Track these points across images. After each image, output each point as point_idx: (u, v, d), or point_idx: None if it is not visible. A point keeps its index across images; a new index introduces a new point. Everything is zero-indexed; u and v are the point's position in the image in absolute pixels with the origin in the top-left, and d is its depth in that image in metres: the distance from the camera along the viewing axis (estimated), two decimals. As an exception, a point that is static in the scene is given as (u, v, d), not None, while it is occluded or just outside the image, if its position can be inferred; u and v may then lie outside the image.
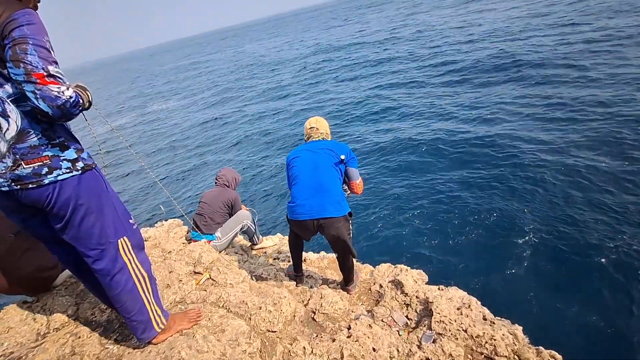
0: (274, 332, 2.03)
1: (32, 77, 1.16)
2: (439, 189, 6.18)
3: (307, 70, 20.09)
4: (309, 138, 2.69)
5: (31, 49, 1.16)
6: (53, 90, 1.19)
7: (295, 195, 2.45)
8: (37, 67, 1.17)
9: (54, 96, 1.19)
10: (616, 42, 10.56)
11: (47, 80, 1.18)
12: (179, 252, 2.76)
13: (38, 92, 1.18)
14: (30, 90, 1.18)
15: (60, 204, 1.34)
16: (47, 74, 1.18)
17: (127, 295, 1.56)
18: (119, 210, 1.52)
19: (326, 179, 2.42)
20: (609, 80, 8.28)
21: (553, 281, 4.00)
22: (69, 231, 1.41)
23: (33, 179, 1.28)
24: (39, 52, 1.18)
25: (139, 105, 25.50)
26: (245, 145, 11.75)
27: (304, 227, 2.42)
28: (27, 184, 1.28)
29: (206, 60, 47.40)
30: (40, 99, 1.19)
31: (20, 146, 1.26)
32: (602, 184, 5.12)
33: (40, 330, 2.13)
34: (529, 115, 7.81)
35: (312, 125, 2.70)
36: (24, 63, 1.15)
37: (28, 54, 1.16)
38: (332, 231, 2.37)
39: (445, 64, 13.57)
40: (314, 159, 2.48)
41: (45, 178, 1.29)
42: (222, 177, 3.60)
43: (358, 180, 2.54)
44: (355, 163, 2.58)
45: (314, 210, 2.34)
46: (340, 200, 2.40)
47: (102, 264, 1.49)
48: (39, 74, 1.17)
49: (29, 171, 1.27)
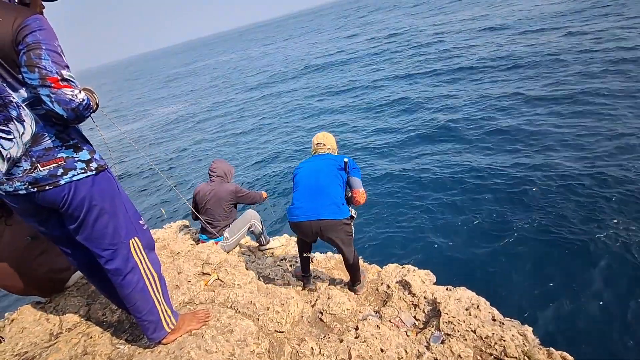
0: (281, 332, 2.04)
1: (47, 81, 1.19)
2: (446, 188, 6.13)
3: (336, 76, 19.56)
4: (315, 152, 2.77)
5: (45, 54, 1.19)
6: (67, 93, 1.22)
7: (294, 198, 2.50)
8: (51, 71, 1.20)
9: (68, 99, 1.22)
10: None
11: (61, 84, 1.21)
12: (187, 253, 2.79)
13: (53, 96, 1.21)
14: (45, 94, 1.21)
15: (75, 205, 1.37)
16: (61, 78, 1.21)
17: (138, 295, 1.58)
18: (129, 211, 1.55)
19: (325, 182, 2.44)
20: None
21: (564, 281, 3.94)
22: (83, 231, 1.44)
23: (49, 180, 1.31)
24: (52, 57, 1.21)
25: (142, 110, 25.81)
26: (255, 145, 11.81)
27: (302, 229, 2.45)
28: (44, 186, 1.31)
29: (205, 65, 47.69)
30: (55, 102, 1.21)
31: (36, 149, 1.29)
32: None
33: (53, 330, 2.18)
34: (550, 114, 7.58)
35: (319, 141, 2.77)
36: (38, 68, 1.18)
37: (42, 59, 1.18)
38: (330, 234, 2.39)
39: (444, 61, 13.48)
40: (316, 166, 2.56)
41: (61, 179, 1.33)
42: (216, 170, 3.45)
43: (361, 189, 2.54)
44: (358, 173, 2.61)
45: (309, 212, 2.36)
46: (339, 203, 2.41)
47: (114, 264, 1.51)
48: (54, 78, 1.20)
49: (45, 173, 1.30)
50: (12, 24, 1.18)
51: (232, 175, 3.59)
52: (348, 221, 2.42)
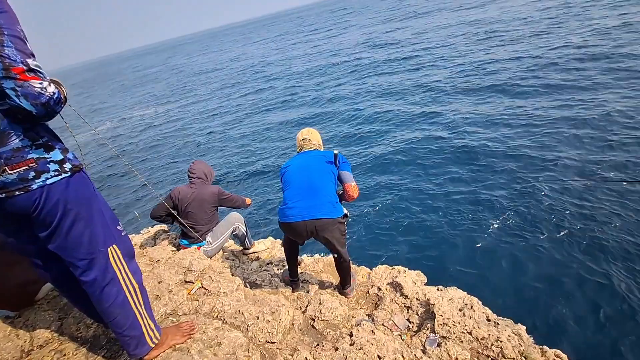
0: (273, 343, 1.93)
1: (12, 72, 1.03)
2: (432, 189, 6.20)
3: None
4: (301, 149, 2.68)
5: (7, 40, 1.03)
6: (35, 86, 1.07)
7: (286, 198, 2.38)
8: (15, 60, 1.04)
9: (37, 93, 1.07)
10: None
11: (27, 75, 1.05)
12: (167, 260, 2.62)
13: (19, 89, 1.05)
14: (10, 87, 1.05)
15: (47, 210, 1.21)
16: (28, 68, 1.06)
17: (118, 308, 1.43)
18: (107, 215, 1.40)
19: (318, 180, 2.36)
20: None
21: (550, 277, 4.03)
22: (56, 239, 1.28)
23: (20, 184, 1.15)
24: (16, 44, 1.05)
25: (117, 110, 24.86)
26: (233, 144, 11.56)
27: (295, 230, 2.33)
28: (13, 191, 1.15)
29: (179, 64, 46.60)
30: (22, 96, 1.06)
31: (2, 150, 1.12)
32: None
33: (24, 347, 1.99)
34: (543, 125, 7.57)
35: (304, 137, 2.69)
36: (1, 57, 1.02)
37: (4, 46, 1.02)
38: (326, 234, 2.29)
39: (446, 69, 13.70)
40: (306, 164, 2.47)
41: (33, 183, 1.17)
42: (195, 171, 3.26)
43: (353, 182, 2.46)
44: (348, 167, 2.54)
45: (304, 211, 2.26)
46: (333, 201, 2.33)
47: (91, 275, 1.36)
48: (19, 68, 1.04)
49: (14, 177, 1.14)
50: None
51: (213, 177, 3.42)
52: (342, 220, 2.34)
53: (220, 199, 3.24)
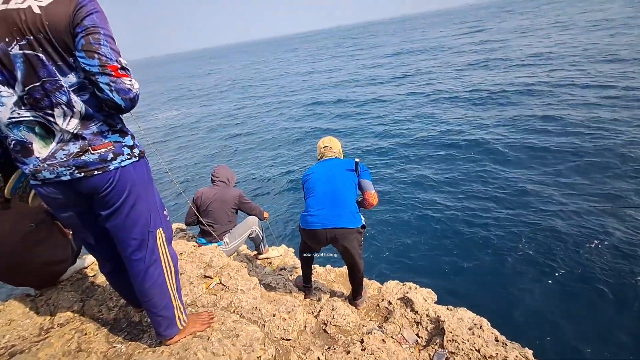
0: (288, 340, 2.00)
1: (107, 69, 1.15)
2: (446, 206, 6.24)
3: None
4: (322, 157, 2.77)
5: (103, 39, 1.15)
6: (126, 83, 1.19)
7: (309, 205, 2.47)
8: (111, 59, 1.15)
9: (127, 89, 1.19)
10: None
11: (120, 72, 1.18)
12: (190, 254, 2.73)
13: (113, 85, 1.16)
14: (105, 82, 1.16)
15: (117, 190, 1.31)
16: (121, 66, 1.18)
17: (157, 289, 1.53)
18: (157, 200, 1.52)
19: (341, 189, 2.45)
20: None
21: (560, 303, 4.02)
22: (116, 218, 1.37)
23: (99, 165, 1.26)
24: (110, 43, 1.17)
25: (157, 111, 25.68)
26: (255, 155, 11.81)
27: (315, 237, 2.42)
28: (93, 171, 1.25)
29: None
30: (114, 91, 1.17)
31: (86, 132, 1.24)
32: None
33: (43, 325, 2.07)
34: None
35: (325, 145, 2.79)
36: (98, 54, 1.13)
37: (101, 44, 1.14)
38: (345, 242, 2.37)
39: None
40: (329, 172, 2.56)
41: (111, 164, 1.28)
42: (219, 175, 3.46)
43: (372, 191, 2.54)
44: (368, 175, 2.62)
45: (327, 219, 2.35)
46: (354, 211, 2.42)
47: (139, 255, 1.46)
48: (114, 66, 1.16)
49: (95, 157, 1.25)
50: (69, 3, 1.12)
51: (234, 182, 3.58)
52: (361, 230, 2.43)
53: (240, 202, 3.38)
